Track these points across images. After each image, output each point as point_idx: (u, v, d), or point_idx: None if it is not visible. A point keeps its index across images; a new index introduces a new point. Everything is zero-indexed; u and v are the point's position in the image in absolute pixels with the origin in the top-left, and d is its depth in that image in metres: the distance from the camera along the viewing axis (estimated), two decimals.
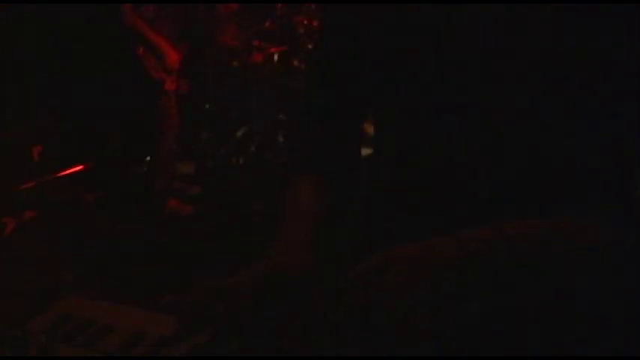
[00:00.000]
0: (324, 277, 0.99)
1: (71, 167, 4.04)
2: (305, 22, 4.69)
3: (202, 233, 3.78)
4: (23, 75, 3.84)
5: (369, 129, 1.22)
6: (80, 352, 0.96)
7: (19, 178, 3.86)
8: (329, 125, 1.19)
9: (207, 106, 4.68)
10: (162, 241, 3.64)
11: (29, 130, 3.89)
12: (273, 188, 3.84)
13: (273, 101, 4.71)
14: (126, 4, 3.78)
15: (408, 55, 1.02)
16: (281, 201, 1.14)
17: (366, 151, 1.25)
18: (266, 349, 0.94)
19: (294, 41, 4.74)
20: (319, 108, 1.21)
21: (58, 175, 4.01)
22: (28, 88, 3.87)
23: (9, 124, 3.76)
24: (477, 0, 0.97)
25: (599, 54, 0.93)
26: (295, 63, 4.75)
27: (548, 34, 0.93)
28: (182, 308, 1.00)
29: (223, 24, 4.63)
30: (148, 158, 4.40)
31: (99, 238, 3.59)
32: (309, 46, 4.59)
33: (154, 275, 3.03)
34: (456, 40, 0.99)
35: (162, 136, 4.19)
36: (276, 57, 4.73)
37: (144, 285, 2.84)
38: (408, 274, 0.85)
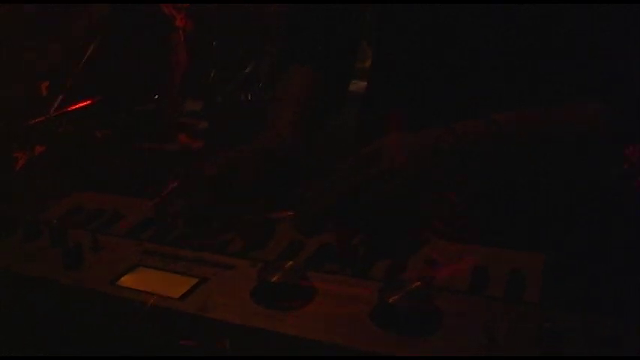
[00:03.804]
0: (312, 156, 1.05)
1: (80, 102, 4.05)
2: None
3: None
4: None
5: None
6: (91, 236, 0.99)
7: (29, 113, 3.87)
8: (325, 18, 1.22)
9: (214, 43, 4.66)
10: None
11: (38, 64, 3.89)
12: None
13: (280, 37, 4.68)
14: None
15: None
16: (275, 89, 1.20)
17: None
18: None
19: None
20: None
21: (67, 109, 4.02)
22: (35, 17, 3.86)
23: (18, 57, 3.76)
24: None
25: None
26: None
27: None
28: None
29: None
30: (156, 97, 4.40)
31: (107, 171, 3.62)
32: None
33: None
34: None
35: (171, 72, 4.18)
36: None
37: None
38: (400, 158, 0.88)
